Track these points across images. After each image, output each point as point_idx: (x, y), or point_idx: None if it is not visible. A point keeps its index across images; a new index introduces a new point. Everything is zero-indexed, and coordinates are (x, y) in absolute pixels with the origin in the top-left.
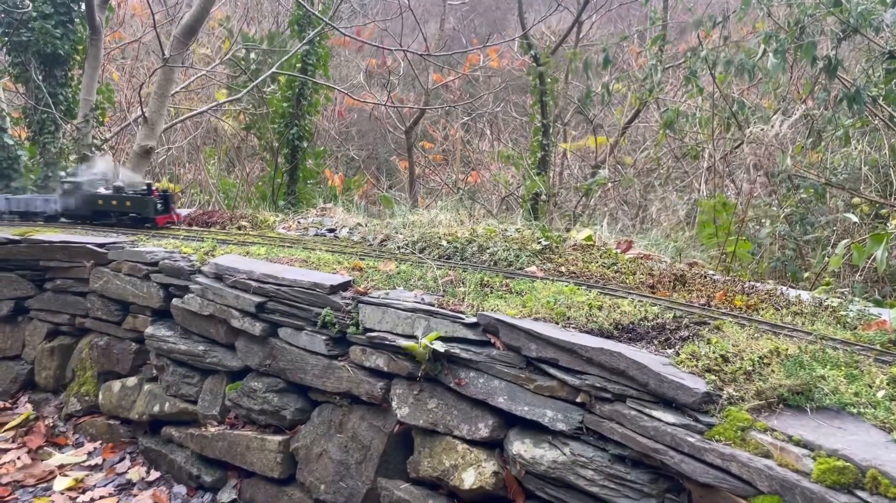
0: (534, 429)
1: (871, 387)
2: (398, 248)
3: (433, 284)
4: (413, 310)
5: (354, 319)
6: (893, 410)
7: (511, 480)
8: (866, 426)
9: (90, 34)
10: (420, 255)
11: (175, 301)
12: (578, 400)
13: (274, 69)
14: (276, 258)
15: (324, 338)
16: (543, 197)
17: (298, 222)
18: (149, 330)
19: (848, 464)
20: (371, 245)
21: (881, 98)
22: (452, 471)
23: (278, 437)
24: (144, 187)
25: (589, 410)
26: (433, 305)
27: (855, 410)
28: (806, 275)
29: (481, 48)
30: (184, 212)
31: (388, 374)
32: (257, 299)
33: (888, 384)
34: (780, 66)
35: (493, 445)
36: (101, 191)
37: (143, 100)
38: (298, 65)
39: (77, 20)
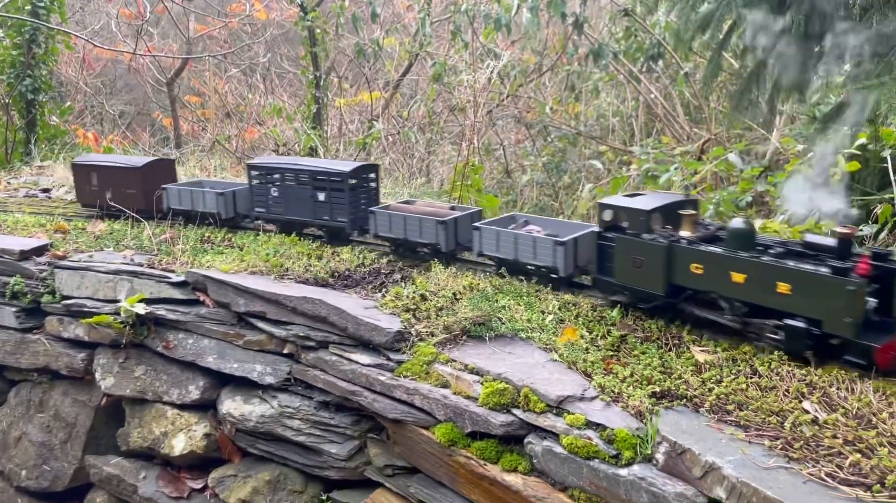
0: (246, 385)
1: (543, 313)
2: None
3: (148, 243)
4: (116, 273)
5: (50, 286)
6: (557, 332)
7: (224, 440)
8: (532, 348)
9: None
10: (136, 214)
11: None
12: (286, 351)
13: None
14: None
15: (14, 310)
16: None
17: (8, 183)
18: None
19: (508, 385)
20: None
21: (622, 53)
22: (163, 438)
23: None
24: (839, 237)
25: (297, 360)
26: (143, 265)
27: (525, 335)
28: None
29: None
30: None
31: (90, 344)
32: None
33: (559, 309)
34: (535, 22)
35: (207, 407)
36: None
37: None
38: (28, 7)
39: None
